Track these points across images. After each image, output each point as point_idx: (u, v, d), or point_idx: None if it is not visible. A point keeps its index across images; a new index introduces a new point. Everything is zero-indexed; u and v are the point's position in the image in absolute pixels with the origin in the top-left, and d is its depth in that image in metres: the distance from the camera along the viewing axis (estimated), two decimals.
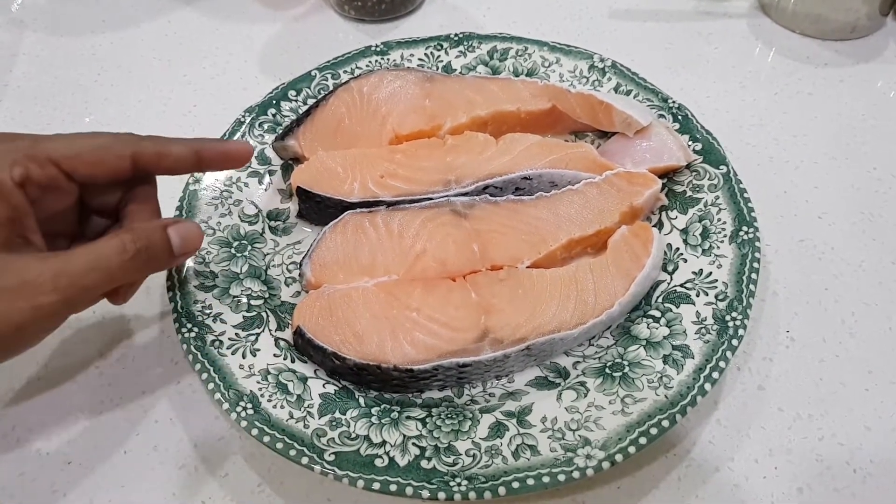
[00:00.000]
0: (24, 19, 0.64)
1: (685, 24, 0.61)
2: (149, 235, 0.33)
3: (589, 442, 0.33)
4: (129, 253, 0.32)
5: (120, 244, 0.32)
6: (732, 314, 0.37)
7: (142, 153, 0.34)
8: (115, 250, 0.31)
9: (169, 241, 0.34)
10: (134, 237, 0.32)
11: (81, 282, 0.30)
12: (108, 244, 0.31)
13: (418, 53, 0.53)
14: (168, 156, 0.35)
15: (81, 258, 0.31)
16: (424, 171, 0.44)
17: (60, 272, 0.30)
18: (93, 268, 0.31)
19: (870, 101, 0.54)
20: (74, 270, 0.30)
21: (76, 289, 0.30)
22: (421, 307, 0.38)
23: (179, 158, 0.36)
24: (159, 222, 0.34)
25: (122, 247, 0.32)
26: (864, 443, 0.37)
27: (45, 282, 0.29)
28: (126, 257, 0.31)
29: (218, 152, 0.37)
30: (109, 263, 0.31)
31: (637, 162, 0.45)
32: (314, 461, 0.33)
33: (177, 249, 0.34)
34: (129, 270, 0.32)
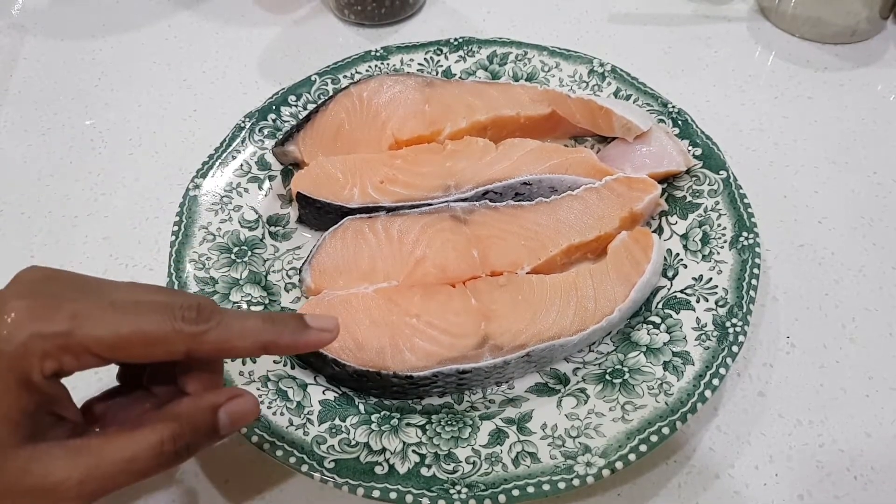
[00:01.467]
0: (24, 23, 0.64)
1: (684, 28, 0.61)
2: (195, 425, 0.28)
3: (589, 449, 0.33)
4: (166, 456, 0.27)
5: (158, 445, 0.27)
6: (733, 320, 0.37)
7: (199, 350, 0.28)
8: (152, 452, 0.27)
9: (217, 424, 0.29)
10: (175, 434, 0.27)
11: (108, 486, 0.27)
12: (146, 442, 0.27)
13: (418, 58, 0.53)
14: (230, 352, 0.29)
15: (115, 457, 0.27)
16: (424, 177, 0.44)
17: (88, 476, 0.26)
18: (123, 471, 0.27)
19: (870, 105, 0.54)
20: (103, 474, 0.27)
21: (102, 491, 0.27)
22: (421, 313, 0.38)
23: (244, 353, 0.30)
24: (210, 402, 0.29)
25: (159, 448, 0.27)
26: (865, 449, 0.37)
27: (70, 488, 0.26)
28: (162, 460, 0.27)
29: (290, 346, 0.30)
30: (144, 467, 0.27)
31: (637, 167, 0.45)
32: (314, 468, 0.33)
33: (224, 431, 0.29)
34: (163, 468, 0.28)
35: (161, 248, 0.46)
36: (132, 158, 0.53)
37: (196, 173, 0.45)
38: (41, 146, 0.54)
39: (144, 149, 0.53)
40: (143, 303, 0.28)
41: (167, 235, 0.43)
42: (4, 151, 0.53)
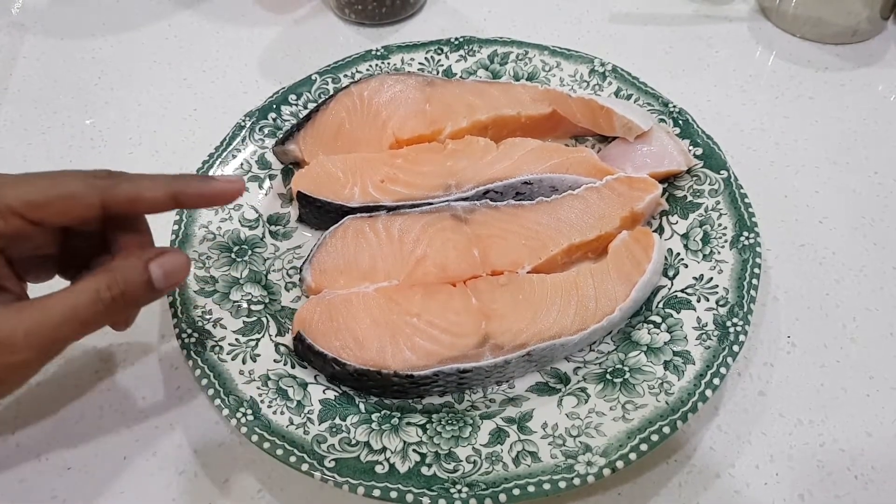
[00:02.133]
0: (24, 22, 0.64)
1: (686, 28, 0.61)
2: (126, 277, 0.31)
3: (590, 448, 0.33)
4: (104, 302, 0.30)
5: (95, 293, 0.30)
6: (733, 320, 0.37)
7: (112, 200, 0.32)
8: (90, 299, 0.30)
9: (150, 278, 0.32)
10: (109, 282, 0.31)
11: (55, 335, 0.30)
12: (84, 293, 0.30)
13: (419, 57, 0.53)
14: (141, 201, 0.33)
15: (56, 309, 0.29)
16: (425, 176, 0.44)
17: (33, 328, 0.29)
18: (67, 320, 0.30)
19: (871, 105, 0.54)
20: (48, 324, 0.29)
21: (50, 342, 0.30)
22: (421, 312, 0.38)
23: (155, 202, 0.33)
24: (140, 258, 0.32)
25: (96, 296, 0.30)
26: (866, 449, 0.37)
27: (18, 340, 0.29)
28: (100, 307, 0.30)
29: (197, 195, 0.34)
30: (85, 314, 0.30)
31: (638, 167, 0.45)
32: (314, 468, 0.33)
33: (158, 284, 0.32)
34: (105, 317, 0.31)
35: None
36: (132, 157, 0.53)
37: (196, 172, 0.45)
38: (41, 145, 0.54)
39: (145, 148, 0.53)
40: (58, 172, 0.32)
41: (167, 234, 0.43)
42: (4, 150, 0.53)
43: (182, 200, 0.33)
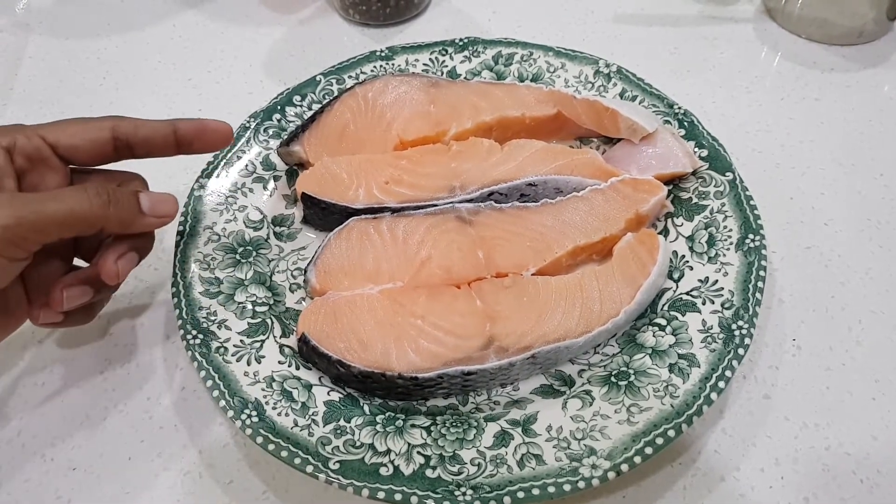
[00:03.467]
0: (29, 22, 0.64)
1: (690, 29, 0.61)
2: (116, 189, 0.34)
3: (594, 451, 0.33)
4: (91, 195, 0.32)
5: (83, 187, 0.32)
6: (738, 323, 0.37)
7: (120, 123, 0.36)
8: (78, 190, 0.32)
9: (137, 198, 0.35)
10: (99, 188, 0.33)
11: (40, 208, 0.31)
12: (74, 190, 0.32)
13: (423, 58, 0.52)
14: (145, 125, 0.36)
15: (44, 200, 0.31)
16: (429, 178, 0.44)
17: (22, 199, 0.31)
18: (53, 200, 0.31)
19: (877, 106, 0.54)
20: (34, 199, 0.31)
21: (33, 214, 0.30)
22: (426, 314, 0.38)
23: (157, 128, 0.37)
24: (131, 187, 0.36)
25: (84, 190, 0.32)
26: (872, 452, 0.37)
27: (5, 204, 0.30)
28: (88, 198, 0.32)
29: (194, 127, 0.37)
30: (70, 200, 0.31)
31: (643, 168, 0.45)
32: (319, 469, 0.33)
33: (146, 208, 0.35)
34: (90, 209, 0.32)
35: (166, 247, 0.46)
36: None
37: (201, 173, 0.45)
38: None
39: None
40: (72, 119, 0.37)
41: (172, 235, 0.43)
42: None
43: (180, 129, 0.37)
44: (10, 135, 0.34)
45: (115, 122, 0.36)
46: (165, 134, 0.37)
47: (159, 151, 0.37)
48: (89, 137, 0.36)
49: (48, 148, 0.35)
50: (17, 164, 0.34)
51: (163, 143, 0.37)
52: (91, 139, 0.36)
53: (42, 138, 0.35)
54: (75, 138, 0.35)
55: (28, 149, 0.35)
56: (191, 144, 0.38)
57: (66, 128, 0.35)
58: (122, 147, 0.36)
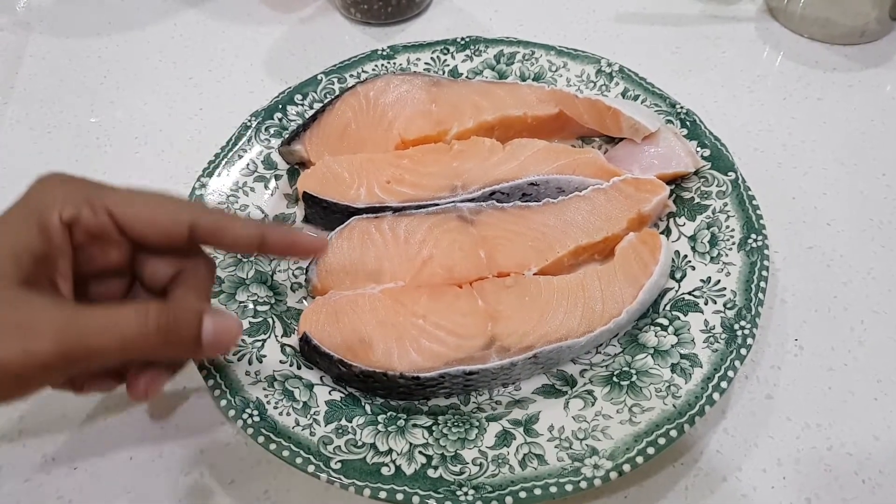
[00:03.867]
0: (29, 21, 0.64)
1: (692, 28, 0.61)
2: (178, 315, 0.29)
3: (596, 451, 0.33)
4: (149, 326, 0.28)
5: (143, 313, 0.28)
6: (741, 323, 0.37)
7: (201, 224, 0.31)
8: (134, 318, 0.28)
9: (200, 328, 0.29)
10: (160, 311, 0.28)
11: (87, 341, 0.27)
12: (130, 309, 0.28)
13: (425, 57, 0.52)
14: (229, 232, 0.32)
15: (97, 316, 0.27)
16: (431, 177, 0.44)
17: (68, 324, 0.27)
18: (105, 329, 0.27)
19: (879, 106, 0.54)
20: (84, 326, 0.27)
21: (79, 347, 0.27)
22: (427, 314, 0.38)
23: (240, 237, 0.32)
24: (196, 306, 0.30)
25: (143, 317, 0.28)
26: (874, 453, 0.37)
27: (47, 330, 0.26)
28: (144, 329, 0.28)
29: (285, 241, 0.33)
30: (125, 330, 0.27)
31: (645, 168, 0.45)
32: (320, 469, 0.33)
33: (206, 341, 0.30)
34: (144, 344, 0.28)
35: None
36: (138, 157, 0.53)
37: (202, 172, 0.45)
38: (47, 144, 0.54)
39: (150, 147, 0.53)
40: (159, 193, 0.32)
41: None
42: (10, 149, 0.53)
43: (268, 241, 0.32)
44: (74, 205, 0.30)
45: (193, 219, 0.31)
46: (250, 242, 0.32)
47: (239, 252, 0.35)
48: (163, 230, 0.31)
49: (114, 228, 0.31)
50: (77, 239, 0.30)
51: (245, 248, 0.33)
52: (164, 232, 0.31)
53: (111, 216, 0.30)
54: (147, 227, 0.31)
55: (92, 226, 0.30)
56: (277, 253, 0.35)
57: (141, 211, 0.31)
58: (196, 243, 0.32)
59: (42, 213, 0.29)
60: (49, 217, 0.29)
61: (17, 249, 0.28)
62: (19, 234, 0.29)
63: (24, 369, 0.26)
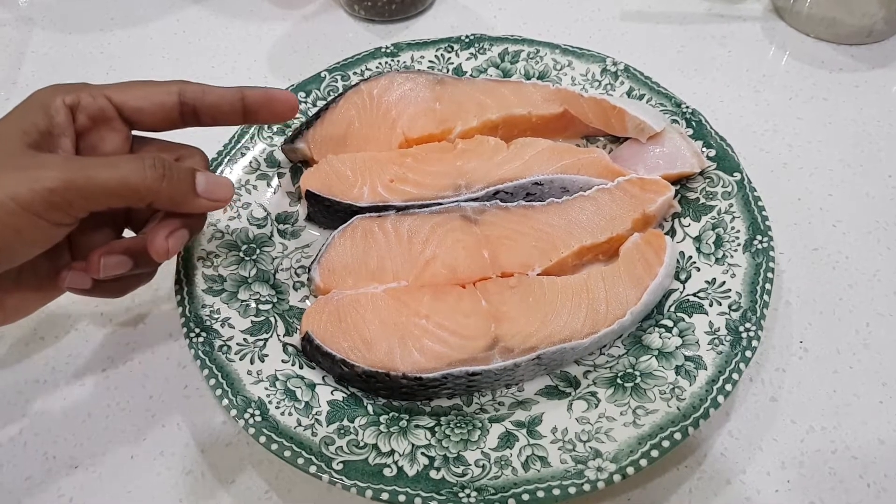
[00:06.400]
0: (32, 16, 0.64)
1: (698, 27, 0.61)
2: (173, 164, 0.32)
3: (600, 454, 0.33)
4: (147, 167, 0.31)
5: (140, 157, 0.31)
6: (746, 325, 0.37)
7: (188, 90, 0.35)
8: (134, 159, 0.31)
9: (193, 176, 0.33)
10: (156, 158, 0.31)
11: (90, 173, 0.29)
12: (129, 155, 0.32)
13: (429, 55, 0.52)
14: (213, 92, 0.35)
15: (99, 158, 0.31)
16: (434, 176, 0.44)
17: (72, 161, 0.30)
18: (107, 168, 0.30)
19: (885, 107, 0.54)
20: (87, 164, 0.30)
21: (82, 178, 0.29)
22: (430, 314, 0.38)
23: (224, 95, 0.36)
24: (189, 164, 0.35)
25: (141, 161, 0.31)
26: (878, 456, 0.36)
27: (53, 165, 0.29)
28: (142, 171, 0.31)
29: (261, 95, 0.36)
30: (124, 170, 0.30)
31: (650, 168, 0.44)
32: (322, 470, 0.33)
33: (201, 189, 0.33)
34: (142, 185, 0.31)
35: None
36: None
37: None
38: None
39: None
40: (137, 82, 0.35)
41: None
42: None
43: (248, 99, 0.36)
44: (74, 92, 0.33)
45: (182, 87, 0.35)
46: (233, 101, 0.36)
47: (225, 119, 0.36)
48: (156, 101, 0.34)
49: (113, 109, 0.34)
50: (79, 122, 0.33)
51: (230, 111, 0.36)
52: (157, 102, 0.34)
53: (108, 98, 0.34)
54: (141, 101, 0.34)
55: (92, 108, 0.33)
56: (257, 113, 0.37)
57: (133, 90, 0.34)
58: (189, 113, 0.35)
59: (45, 99, 0.32)
60: (52, 100, 0.32)
61: (24, 124, 0.31)
62: (25, 115, 0.32)
63: (34, 200, 0.28)
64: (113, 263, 0.34)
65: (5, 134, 0.31)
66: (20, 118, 0.32)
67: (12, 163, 0.29)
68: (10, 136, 0.31)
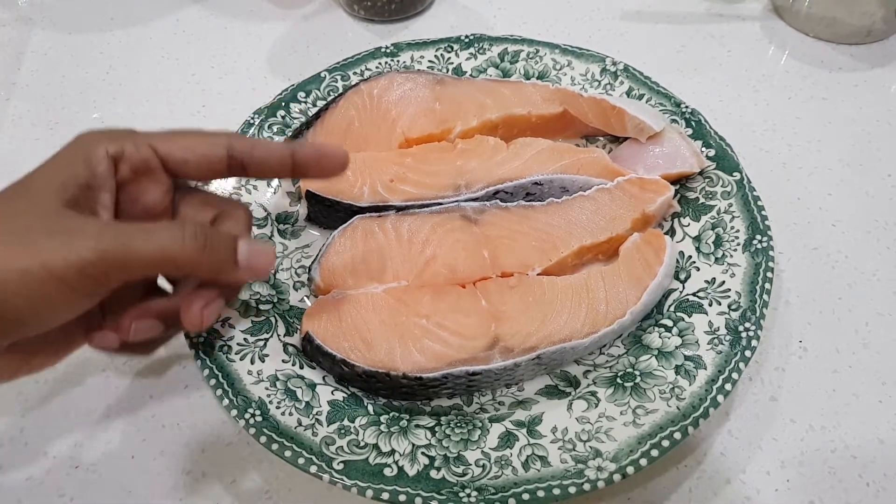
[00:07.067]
0: (32, 16, 0.64)
1: (697, 27, 0.61)
2: (214, 233, 0.31)
3: (600, 454, 0.33)
4: (187, 237, 0.29)
5: (180, 227, 0.30)
6: (745, 324, 0.37)
7: (237, 145, 0.33)
8: (174, 230, 0.29)
9: (235, 249, 0.31)
10: (197, 227, 0.30)
11: (128, 245, 0.28)
12: (169, 223, 0.30)
13: (428, 55, 0.52)
14: (262, 148, 0.34)
15: (138, 227, 0.29)
16: (434, 176, 0.44)
17: (109, 229, 0.28)
18: (145, 237, 0.28)
19: (885, 106, 0.54)
20: (124, 233, 0.28)
21: (120, 250, 0.27)
22: (430, 314, 0.38)
23: (273, 151, 0.34)
24: (232, 233, 0.33)
25: (181, 231, 0.29)
26: (878, 456, 0.37)
27: (89, 232, 0.27)
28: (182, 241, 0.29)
29: (313, 154, 0.34)
30: (164, 240, 0.29)
31: (649, 168, 0.44)
32: (323, 470, 0.33)
33: (242, 259, 0.31)
34: (182, 256, 0.29)
35: None
36: None
37: None
38: (49, 139, 0.54)
39: None
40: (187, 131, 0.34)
41: None
42: (12, 145, 0.53)
43: (298, 157, 0.34)
44: (119, 141, 0.31)
45: (230, 140, 0.33)
46: (282, 157, 0.34)
47: (274, 174, 0.35)
48: (202, 153, 0.33)
49: (157, 160, 0.32)
50: (121, 174, 0.32)
51: (278, 166, 0.34)
52: (204, 155, 0.33)
53: (153, 149, 0.32)
54: (187, 153, 0.32)
55: (135, 159, 0.32)
56: (307, 170, 0.35)
57: (180, 140, 0.32)
58: (236, 166, 0.33)
59: (88, 148, 0.31)
60: (94, 150, 0.31)
61: (64, 177, 0.30)
62: (66, 166, 0.30)
63: (65, 271, 0.27)
64: (144, 328, 0.32)
65: (42, 188, 0.29)
66: (60, 169, 0.30)
67: (47, 226, 0.28)
68: (46, 192, 0.29)
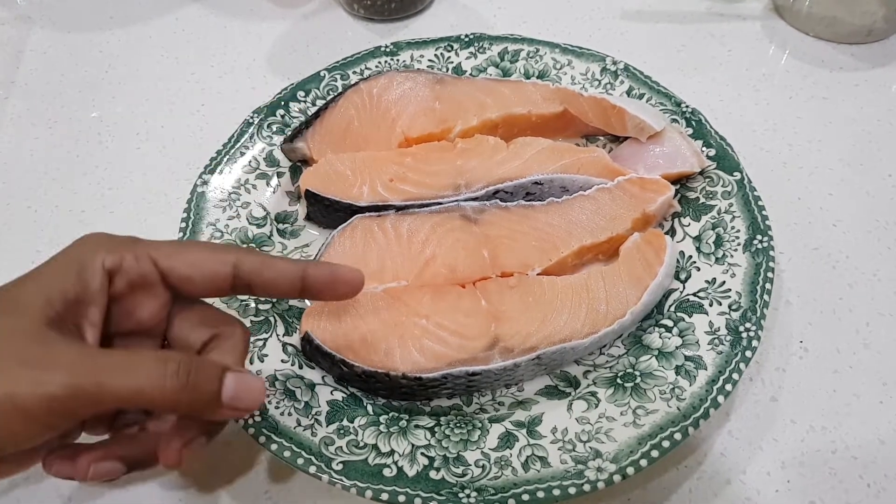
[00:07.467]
0: (31, 15, 0.64)
1: (698, 26, 0.61)
2: (199, 367, 0.27)
3: (600, 454, 0.33)
4: (167, 375, 0.26)
5: (163, 360, 0.27)
6: (746, 325, 0.37)
7: (244, 263, 0.31)
8: (153, 364, 0.26)
9: (221, 384, 0.28)
10: (181, 360, 0.27)
11: (101, 380, 0.25)
12: (150, 354, 0.27)
13: (428, 54, 0.52)
14: (271, 268, 0.31)
15: (115, 358, 0.26)
16: (434, 175, 0.44)
17: (84, 361, 0.26)
18: (122, 372, 0.26)
19: (886, 106, 0.54)
20: (100, 366, 0.26)
21: (91, 386, 0.25)
22: (430, 314, 0.38)
23: (283, 273, 0.31)
24: (220, 363, 0.29)
25: (163, 365, 0.26)
26: (879, 456, 0.36)
27: (61, 364, 0.25)
28: (162, 378, 0.26)
29: (326, 277, 0.32)
30: (141, 376, 0.26)
31: (650, 167, 0.44)
32: (322, 470, 0.33)
33: (226, 397, 0.28)
34: (160, 394, 0.26)
35: None
36: (139, 153, 0.52)
37: (204, 169, 0.45)
38: (48, 139, 0.53)
39: (152, 143, 0.53)
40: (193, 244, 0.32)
41: (175, 232, 0.42)
42: (11, 144, 0.53)
43: (310, 280, 0.32)
44: (118, 252, 0.29)
45: (238, 258, 0.31)
46: (293, 279, 0.32)
47: (280, 294, 0.33)
48: (207, 271, 0.30)
49: (157, 274, 0.30)
50: (116, 287, 0.29)
51: (287, 288, 0.32)
52: (209, 272, 0.30)
53: (154, 262, 0.30)
54: (191, 269, 0.30)
55: (133, 273, 0.30)
56: (319, 294, 0.33)
57: (184, 255, 0.30)
58: (241, 286, 0.31)
59: (84, 259, 0.29)
60: (90, 262, 0.29)
61: (51, 291, 0.27)
62: (56, 277, 0.28)
63: (33, 404, 0.25)
64: (103, 471, 0.30)
65: (26, 303, 0.27)
66: (50, 280, 0.28)
67: (21, 353, 0.26)
68: (30, 307, 0.27)
